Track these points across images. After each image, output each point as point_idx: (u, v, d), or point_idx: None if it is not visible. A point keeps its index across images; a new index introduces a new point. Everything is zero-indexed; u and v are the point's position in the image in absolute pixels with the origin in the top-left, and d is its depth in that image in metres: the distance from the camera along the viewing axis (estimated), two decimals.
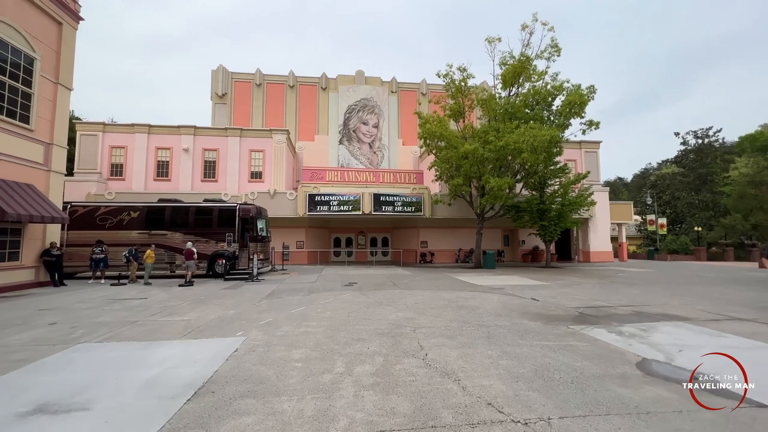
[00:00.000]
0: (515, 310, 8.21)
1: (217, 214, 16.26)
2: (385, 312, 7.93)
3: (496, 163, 19.30)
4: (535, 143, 15.92)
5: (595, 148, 28.41)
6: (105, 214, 15.74)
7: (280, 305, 8.83)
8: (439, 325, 6.67)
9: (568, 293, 10.87)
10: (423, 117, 20.47)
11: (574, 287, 12.31)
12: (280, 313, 7.82)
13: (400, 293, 10.77)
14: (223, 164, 24.53)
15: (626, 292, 11.25)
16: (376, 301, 9.39)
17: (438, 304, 8.83)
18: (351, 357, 4.87)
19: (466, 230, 25.10)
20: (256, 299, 9.78)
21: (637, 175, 69.76)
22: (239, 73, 32.28)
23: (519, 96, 20.29)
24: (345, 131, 31.83)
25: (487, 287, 12.18)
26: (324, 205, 21.75)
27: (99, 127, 23.75)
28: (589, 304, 8.94)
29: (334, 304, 8.97)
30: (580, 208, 20.99)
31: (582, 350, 5.22)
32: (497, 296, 10.13)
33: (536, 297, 10.02)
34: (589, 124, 17.61)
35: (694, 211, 44.26)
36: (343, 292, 11.15)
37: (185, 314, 7.83)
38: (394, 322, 6.97)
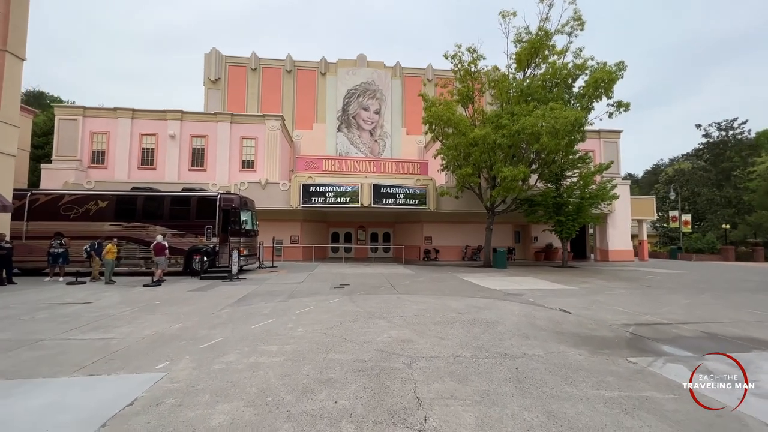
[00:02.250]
0: (545, 327, 6.31)
1: (196, 204, 14.50)
2: (374, 329, 6.08)
3: (509, 151, 17.27)
4: (557, 125, 13.85)
5: (616, 138, 26.15)
6: (70, 203, 14.04)
7: (244, 316, 7.02)
8: (445, 354, 4.80)
9: (602, 302, 8.93)
10: (428, 99, 18.47)
11: (605, 293, 10.35)
12: (237, 329, 6.01)
13: (397, 299, 8.92)
14: (213, 152, 22.74)
15: (673, 301, 9.27)
16: (367, 311, 7.54)
17: (443, 317, 6.95)
18: (304, 425, 3.02)
19: (474, 225, 23.12)
20: (219, 306, 7.99)
21: (648, 171, 67.14)
22: (233, 57, 30.38)
23: (536, 77, 18.17)
24: (344, 117, 29.75)
25: (501, 292, 10.27)
26: (319, 196, 19.91)
27: (79, 111, 22.06)
28: (638, 320, 7.01)
29: (312, 314, 7.14)
30: (601, 201, 18.92)
31: (669, 410, 3.32)
32: (517, 306, 8.22)
33: (565, 308, 8.10)
34: (617, 105, 15.40)
35: (716, 207, 41.73)
36: (330, 296, 9.31)
37: (115, 329, 6.05)
38: (383, 347, 5.12)
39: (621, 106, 15.34)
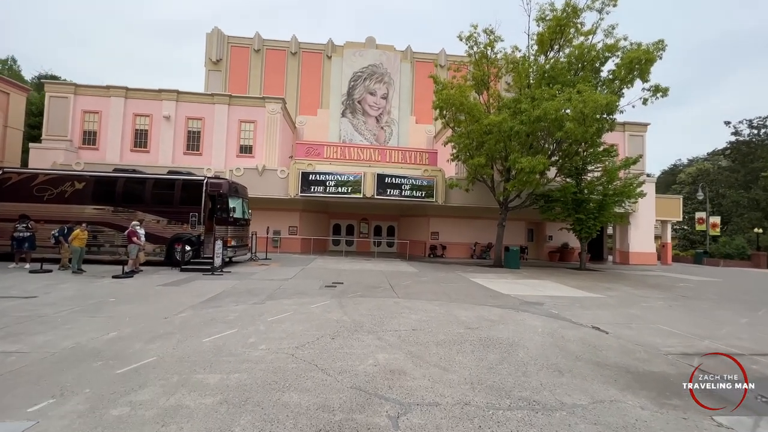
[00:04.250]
0: (580, 355, 4.85)
1: (180, 188, 13.23)
2: (358, 349, 4.70)
3: (527, 140, 15.62)
4: (585, 110, 12.15)
5: (642, 131, 24.18)
6: (44, 183, 12.88)
7: (202, 323, 5.70)
8: (449, 400, 3.39)
9: (640, 317, 7.41)
10: (440, 81, 16.85)
11: (639, 306, 8.82)
12: (183, 344, 4.68)
13: (394, 305, 7.52)
14: (209, 135, 21.48)
15: (728, 319, 7.71)
16: (355, 320, 6.16)
17: (449, 334, 5.54)
18: None
19: (485, 221, 21.55)
20: (180, 307, 6.69)
21: (665, 172, 64.42)
22: (236, 37, 28.94)
23: (560, 60, 16.37)
24: (349, 102, 28.08)
25: (517, 299, 8.81)
26: (319, 185, 18.54)
27: (70, 88, 20.94)
28: (697, 347, 5.50)
29: (286, 324, 5.79)
30: (627, 199, 17.19)
31: None
32: (539, 320, 6.76)
33: (599, 324, 6.61)
34: (654, 90, 13.55)
35: (742, 210, 39.30)
36: (317, 298, 7.96)
37: (30, 337, 4.77)
38: (364, 382, 3.73)
39: (658, 91, 13.46)
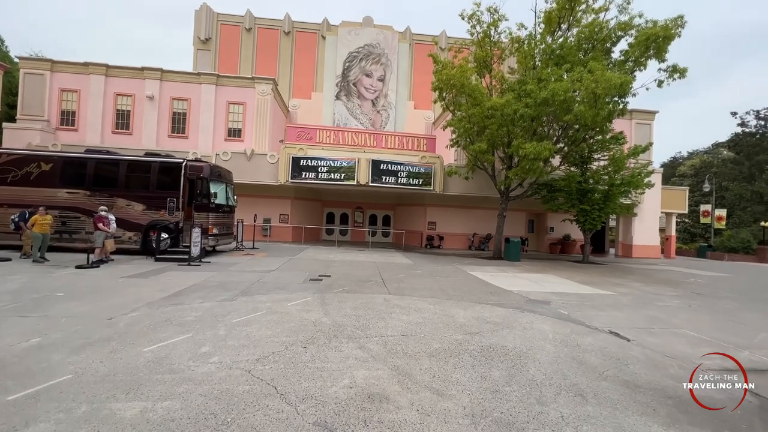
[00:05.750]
0: (604, 372, 4.00)
1: (157, 171, 12.21)
2: (333, 363, 3.82)
3: (531, 125, 14.62)
4: (598, 90, 11.13)
5: (649, 120, 23.21)
6: (7, 164, 11.83)
7: (152, 326, 4.80)
8: None
9: (661, 320, 6.58)
10: (440, 60, 15.72)
11: (655, 305, 7.99)
12: (116, 354, 3.79)
13: (384, 303, 6.65)
14: (195, 117, 20.31)
15: (759, 322, 6.89)
16: (336, 322, 5.28)
17: (445, 342, 4.67)
18: None
19: (483, 211, 20.68)
20: (135, 305, 5.78)
21: (665, 165, 63.58)
22: (226, 15, 27.45)
23: (568, 39, 15.25)
24: (344, 84, 26.77)
25: (521, 297, 7.96)
26: (311, 171, 17.53)
27: (46, 64, 19.62)
28: (738, 357, 4.66)
29: (253, 327, 4.90)
30: (635, 189, 16.32)
31: None
32: (548, 323, 5.90)
33: (616, 328, 5.77)
34: (672, 71, 12.48)
35: (745, 203, 38.58)
36: (296, 294, 7.08)
37: None
38: (332, 415, 2.85)
39: (675, 72, 12.40)
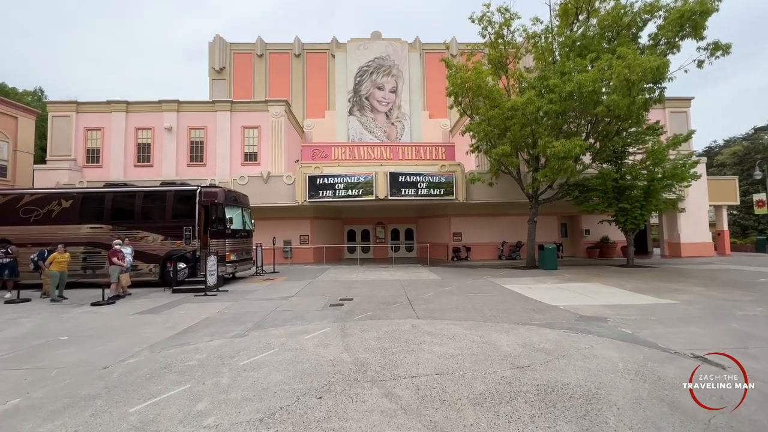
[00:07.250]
0: (710, 420, 3.01)
1: (172, 200, 12.04)
2: (356, 420, 3.05)
3: (557, 121, 13.63)
4: (632, 76, 10.09)
5: (685, 107, 21.59)
6: (30, 204, 11.98)
7: (150, 373, 4.20)
8: None
9: (753, 335, 5.41)
10: (452, 65, 15.11)
11: (737, 317, 6.74)
12: (96, 420, 3.17)
13: (412, 330, 5.83)
14: (212, 145, 20.51)
15: None
16: (357, 360, 4.52)
17: (490, 382, 3.80)
18: None
19: (512, 218, 19.51)
20: (139, 346, 5.24)
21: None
22: (238, 44, 28.19)
23: (589, 27, 14.30)
24: (356, 99, 26.61)
25: (571, 313, 6.92)
26: (327, 189, 17.10)
27: (72, 106, 20.48)
28: None
29: (261, 372, 4.20)
30: (680, 182, 14.86)
31: None
32: (614, 348, 4.89)
33: (700, 351, 4.69)
34: (714, 48, 11.22)
35: None
36: (315, 323, 6.37)
37: None
38: None
39: (718, 49, 11.12)
